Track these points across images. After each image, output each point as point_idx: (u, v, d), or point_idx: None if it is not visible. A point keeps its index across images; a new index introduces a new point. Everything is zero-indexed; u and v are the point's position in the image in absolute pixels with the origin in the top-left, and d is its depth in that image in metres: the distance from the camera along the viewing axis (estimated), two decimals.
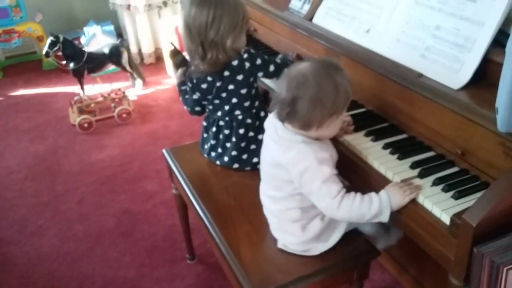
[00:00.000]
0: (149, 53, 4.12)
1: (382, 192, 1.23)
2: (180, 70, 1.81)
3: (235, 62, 1.63)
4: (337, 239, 1.39)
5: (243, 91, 1.68)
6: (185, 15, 1.59)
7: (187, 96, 1.79)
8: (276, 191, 1.36)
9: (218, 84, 1.65)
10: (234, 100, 1.69)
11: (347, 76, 1.24)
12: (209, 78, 1.66)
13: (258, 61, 1.66)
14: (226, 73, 1.64)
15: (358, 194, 1.24)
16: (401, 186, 1.22)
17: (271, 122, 1.37)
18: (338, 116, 1.24)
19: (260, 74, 1.69)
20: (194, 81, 1.69)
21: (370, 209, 1.21)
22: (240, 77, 1.65)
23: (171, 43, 1.91)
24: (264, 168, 1.41)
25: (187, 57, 1.72)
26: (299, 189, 1.29)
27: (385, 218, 1.22)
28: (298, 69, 1.24)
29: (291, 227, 1.37)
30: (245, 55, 1.64)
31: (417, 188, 1.21)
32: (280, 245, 1.42)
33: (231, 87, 1.66)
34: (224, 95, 1.68)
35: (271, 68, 1.69)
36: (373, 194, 1.24)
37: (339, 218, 1.28)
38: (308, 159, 1.22)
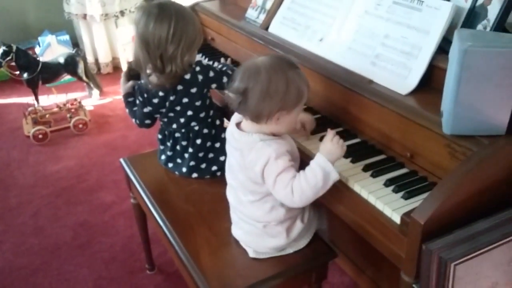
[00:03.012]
0: (106, 62, 4.07)
1: (318, 156, 1.26)
2: (130, 82, 1.78)
3: (187, 76, 1.62)
4: (309, 239, 1.44)
5: (198, 103, 1.67)
6: (141, 28, 1.56)
7: (134, 108, 1.77)
8: (254, 196, 1.36)
9: (171, 98, 1.64)
10: (189, 112, 1.68)
11: (304, 76, 1.27)
12: (160, 93, 1.64)
13: (211, 74, 1.66)
14: (179, 87, 1.63)
15: (301, 172, 1.26)
16: (331, 139, 1.27)
17: (229, 131, 1.39)
18: (288, 112, 1.26)
19: (213, 85, 1.69)
20: (145, 95, 1.67)
21: (317, 178, 1.22)
22: (194, 90, 1.65)
23: None
24: (237, 178, 1.39)
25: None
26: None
27: (334, 176, 1.24)
28: (254, 61, 1.27)
29: (276, 229, 1.38)
30: (197, 68, 1.64)
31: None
32: (252, 254, 1.43)
33: (185, 100, 1.65)
34: (178, 108, 1.67)
35: (224, 79, 1.69)
36: (312, 162, 1.26)
37: (302, 204, 1.27)
38: (266, 154, 1.25)
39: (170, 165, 1.79)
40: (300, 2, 1.84)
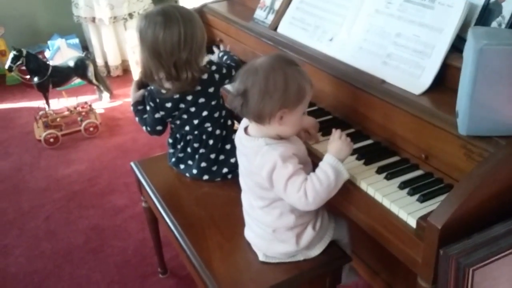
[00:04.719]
0: (116, 65, 4.08)
1: (328, 157, 1.26)
2: (141, 91, 1.74)
3: (205, 76, 1.62)
4: (323, 249, 1.41)
5: (214, 102, 1.67)
6: (150, 39, 1.52)
7: (145, 116, 1.75)
8: (263, 201, 1.34)
9: (188, 98, 1.63)
10: (205, 113, 1.67)
11: (305, 73, 1.26)
12: (175, 96, 1.62)
13: (224, 70, 1.67)
14: (198, 87, 1.62)
15: (312, 174, 1.24)
16: (339, 137, 1.28)
17: (237, 136, 1.38)
18: (291, 110, 1.24)
19: (227, 81, 1.70)
20: (157, 100, 1.65)
21: (329, 179, 1.22)
22: (211, 90, 1.65)
23: None
24: (246, 183, 1.39)
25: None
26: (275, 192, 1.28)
27: (345, 175, 1.25)
28: (252, 63, 1.27)
29: (286, 235, 1.36)
30: (213, 67, 1.64)
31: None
32: (262, 257, 1.41)
33: (201, 100, 1.65)
34: (193, 109, 1.66)
35: (233, 72, 1.70)
36: (322, 163, 1.26)
37: (315, 206, 1.24)
38: (272, 159, 1.23)
39: (182, 166, 1.78)
40: (309, 2, 1.82)
